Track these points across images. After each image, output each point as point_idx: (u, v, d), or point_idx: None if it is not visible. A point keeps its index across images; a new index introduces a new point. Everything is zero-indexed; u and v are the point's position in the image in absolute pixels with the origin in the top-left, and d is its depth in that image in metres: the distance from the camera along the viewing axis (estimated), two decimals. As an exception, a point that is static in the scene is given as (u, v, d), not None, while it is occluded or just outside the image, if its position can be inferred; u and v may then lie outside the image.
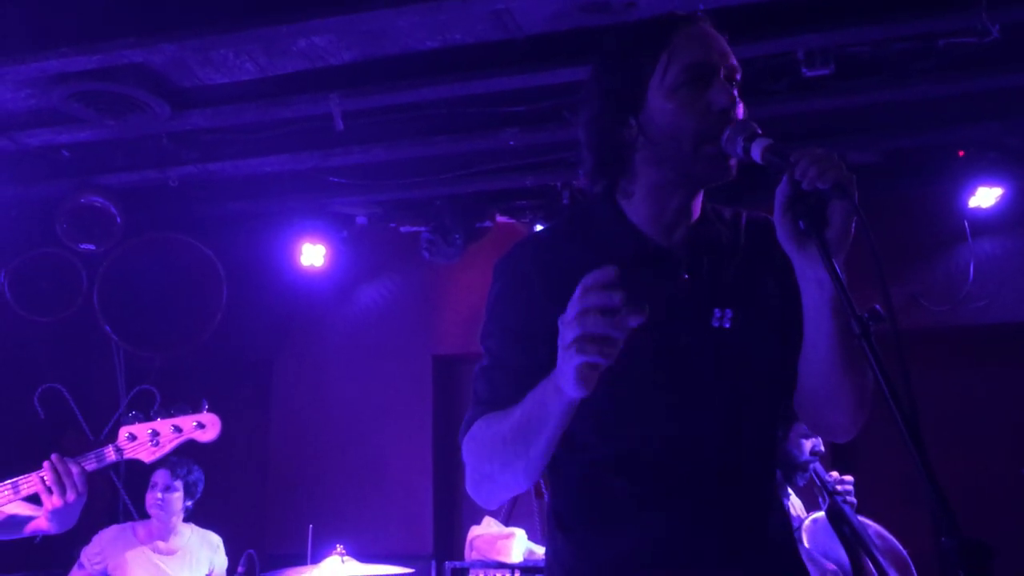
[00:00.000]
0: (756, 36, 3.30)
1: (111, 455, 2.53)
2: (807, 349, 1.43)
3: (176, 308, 5.12)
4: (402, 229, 5.45)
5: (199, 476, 4.15)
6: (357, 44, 3.51)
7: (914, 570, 3.16)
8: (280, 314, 5.70)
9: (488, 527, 4.75)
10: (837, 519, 3.16)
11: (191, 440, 2.65)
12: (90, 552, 4.01)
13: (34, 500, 2.48)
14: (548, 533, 1.53)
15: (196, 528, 4.23)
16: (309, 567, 4.09)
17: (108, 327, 5.03)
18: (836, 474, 3.34)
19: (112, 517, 5.10)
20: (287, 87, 3.75)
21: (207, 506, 4.26)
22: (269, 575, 4.10)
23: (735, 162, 1.42)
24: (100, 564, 3.98)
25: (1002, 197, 4.64)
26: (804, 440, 3.36)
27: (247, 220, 5.34)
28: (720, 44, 1.45)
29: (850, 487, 3.28)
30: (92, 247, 4.76)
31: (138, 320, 5.10)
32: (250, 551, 4.17)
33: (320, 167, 4.61)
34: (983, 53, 3.51)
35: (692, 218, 1.51)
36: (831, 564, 2.97)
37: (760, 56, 3.53)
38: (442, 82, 3.64)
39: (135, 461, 2.61)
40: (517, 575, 4.47)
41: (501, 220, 5.22)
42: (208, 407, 2.68)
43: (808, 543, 3.03)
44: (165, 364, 5.35)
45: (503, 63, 3.54)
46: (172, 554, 4.07)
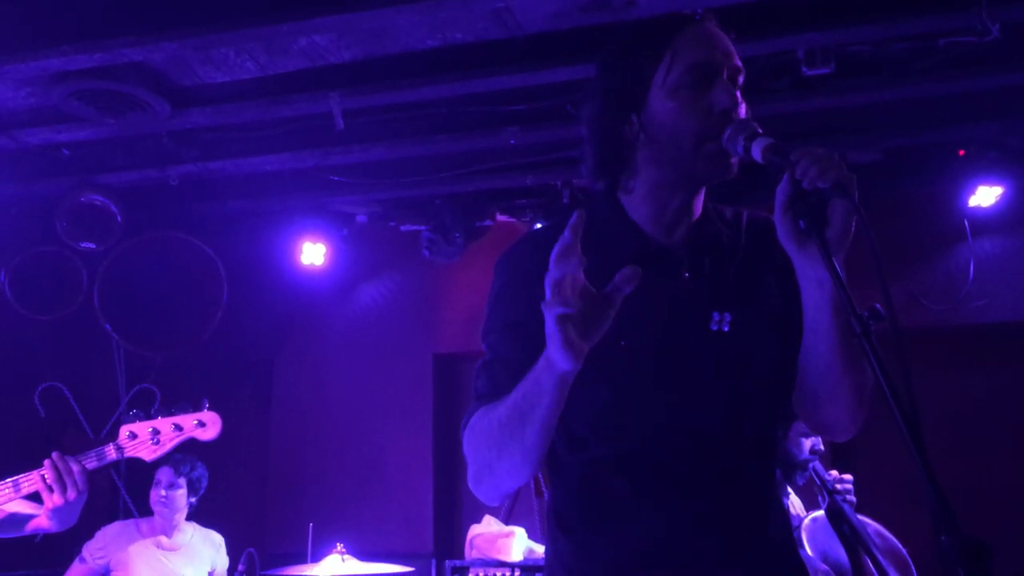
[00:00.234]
0: (757, 35, 3.29)
1: (112, 453, 2.54)
2: (807, 348, 1.43)
3: (176, 307, 5.12)
4: (402, 228, 5.45)
5: (202, 473, 4.15)
6: (357, 43, 3.51)
7: (914, 569, 3.16)
8: (280, 313, 5.70)
9: (488, 526, 4.75)
10: (837, 518, 3.17)
11: (192, 438, 2.66)
12: (93, 547, 4.01)
13: (35, 498, 2.48)
14: (548, 532, 1.53)
15: (198, 527, 4.23)
16: (309, 565, 4.10)
17: (108, 326, 5.03)
18: (835, 473, 3.34)
19: (112, 515, 5.10)
20: (287, 86, 3.75)
21: (208, 504, 4.26)
22: (269, 573, 4.11)
23: (736, 160, 1.42)
24: (103, 559, 3.98)
25: (1002, 196, 4.64)
26: (803, 439, 3.36)
27: (247, 219, 5.34)
28: (724, 44, 1.45)
29: (849, 486, 3.29)
30: (92, 246, 4.76)
31: (138, 319, 5.10)
32: (250, 549, 4.18)
33: (320, 166, 4.61)
34: (983, 52, 3.51)
35: (693, 217, 1.52)
36: (824, 566, 2.97)
37: (761, 55, 3.53)
38: (442, 81, 3.64)
39: (136, 459, 2.62)
40: (517, 574, 4.48)
41: (501, 219, 5.22)
42: (208, 406, 2.68)
43: (807, 542, 3.03)
44: (165, 363, 5.35)
45: (503, 62, 3.54)
46: (176, 550, 4.08)
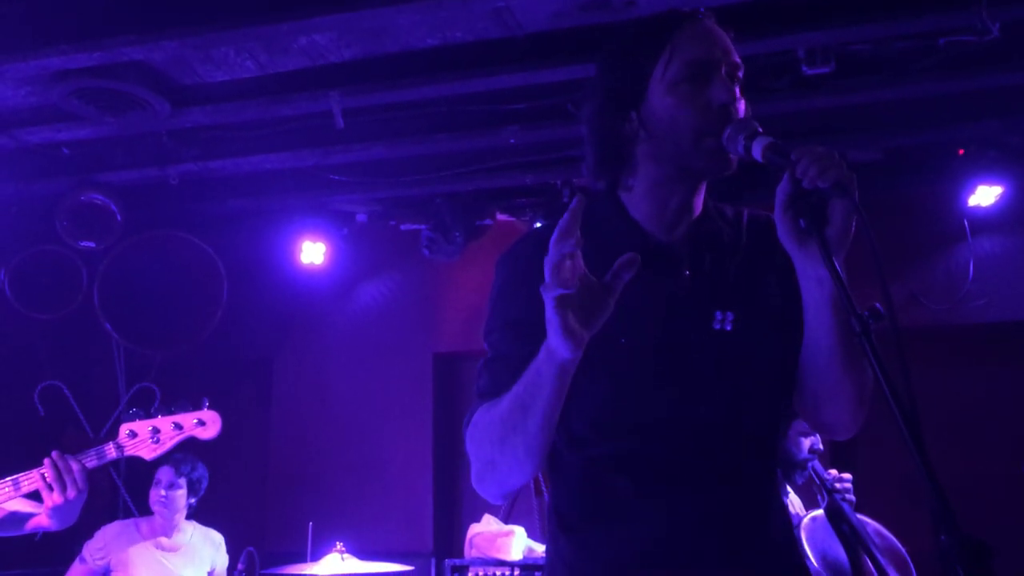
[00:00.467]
0: (757, 34, 3.29)
1: (112, 452, 2.54)
2: (807, 347, 1.43)
3: (176, 306, 5.12)
4: (402, 227, 5.45)
5: (203, 473, 4.15)
6: (358, 42, 3.51)
7: (913, 568, 3.16)
8: (280, 312, 5.70)
9: (488, 525, 4.76)
10: (836, 517, 3.17)
11: (192, 437, 2.66)
12: (93, 547, 4.01)
13: (35, 497, 2.48)
14: (549, 531, 1.53)
15: (198, 526, 4.23)
16: (309, 564, 4.10)
17: (108, 324, 5.03)
18: (835, 472, 3.34)
19: (112, 514, 5.10)
20: (287, 85, 3.75)
21: (207, 503, 4.26)
22: (269, 572, 4.11)
23: (735, 156, 1.43)
24: (103, 560, 3.98)
25: (1002, 196, 4.64)
26: (803, 438, 3.37)
27: (247, 218, 5.34)
28: (723, 41, 1.45)
29: (849, 485, 3.29)
30: (92, 244, 4.76)
31: (138, 318, 5.10)
32: (250, 548, 4.18)
33: (320, 165, 4.61)
34: (983, 51, 3.51)
35: (694, 215, 1.52)
36: (816, 565, 2.97)
37: (761, 54, 3.53)
38: (442, 80, 3.64)
39: (135, 458, 2.62)
40: (517, 573, 4.48)
41: (501, 218, 5.22)
42: (208, 404, 2.68)
43: (807, 542, 3.03)
44: (165, 362, 5.36)
45: (503, 61, 3.54)
46: (175, 551, 4.07)
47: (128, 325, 5.08)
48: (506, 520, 4.91)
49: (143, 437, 2.59)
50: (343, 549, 4.14)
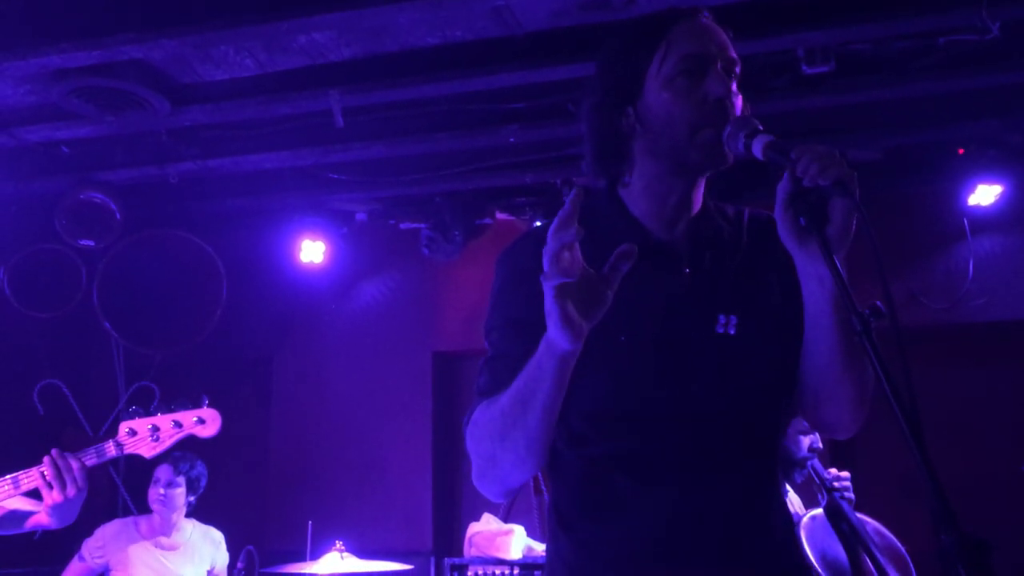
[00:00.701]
0: (756, 33, 3.30)
1: (111, 450, 2.53)
2: (808, 346, 1.43)
3: (176, 305, 5.12)
4: (402, 226, 5.45)
5: (202, 471, 4.14)
6: (357, 40, 3.51)
7: (912, 568, 3.16)
8: (280, 311, 5.70)
9: (487, 524, 4.75)
10: (835, 516, 3.17)
11: (191, 435, 2.66)
12: (92, 545, 4.01)
13: (34, 495, 2.48)
14: (549, 530, 1.53)
15: (198, 524, 4.22)
16: (308, 563, 4.10)
17: (107, 323, 5.03)
18: (834, 471, 3.34)
19: (111, 512, 5.10)
20: (287, 83, 3.75)
21: (207, 502, 4.26)
22: (269, 571, 4.11)
23: (732, 152, 1.42)
24: (102, 558, 3.98)
25: (1002, 195, 4.64)
26: (802, 437, 3.36)
27: (247, 216, 5.34)
28: (719, 37, 1.46)
29: (847, 483, 3.29)
30: (91, 243, 4.76)
31: (137, 317, 5.10)
32: (249, 547, 4.18)
33: (320, 163, 4.61)
34: (983, 51, 3.51)
35: (693, 212, 1.52)
36: (816, 564, 2.97)
37: (760, 53, 3.53)
38: (442, 79, 3.64)
39: (135, 456, 2.62)
40: (516, 572, 4.48)
41: (501, 217, 5.22)
42: (208, 403, 2.68)
43: (806, 540, 3.03)
44: (165, 360, 5.35)
45: (503, 60, 3.54)
46: (174, 549, 4.07)
47: (127, 324, 5.08)
48: (506, 519, 4.91)
49: (142, 435, 2.59)
50: (342, 548, 4.14)
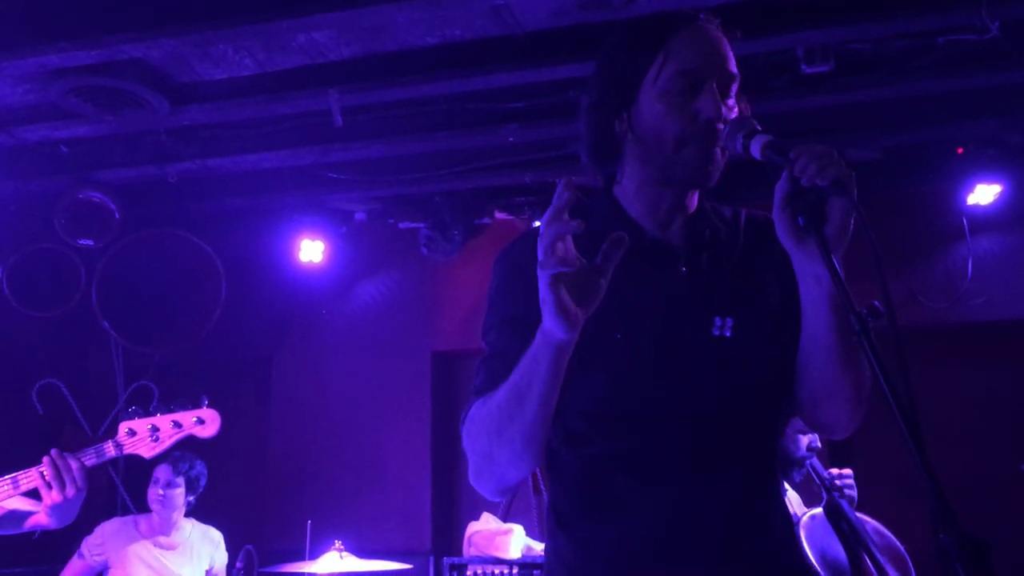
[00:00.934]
0: (756, 33, 3.29)
1: (110, 450, 2.53)
2: (805, 345, 1.43)
3: (175, 304, 5.12)
4: (401, 225, 5.45)
5: (201, 470, 4.14)
6: (357, 40, 3.51)
7: (912, 567, 3.16)
8: (279, 310, 5.69)
9: (486, 523, 4.75)
10: (835, 515, 3.16)
11: (191, 436, 2.66)
12: (91, 543, 4.01)
13: (33, 495, 2.48)
14: (548, 530, 1.53)
15: (197, 523, 4.22)
16: (307, 563, 4.10)
17: (106, 323, 5.03)
18: (836, 470, 3.34)
19: (110, 512, 5.10)
20: (286, 83, 3.75)
21: (206, 501, 4.26)
22: (268, 570, 4.11)
23: (716, 170, 1.43)
24: (101, 556, 3.98)
25: (1001, 194, 4.64)
26: (801, 436, 3.36)
27: (246, 216, 5.34)
28: (719, 50, 1.44)
29: (850, 480, 3.28)
30: (90, 243, 4.76)
31: (137, 316, 5.10)
32: (248, 547, 4.18)
33: (319, 163, 4.61)
34: (982, 50, 3.51)
35: (688, 213, 1.53)
36: (815, 564, 2.96)
37: (760, 53, 3.53)
38: (441, 78, 3.64)
39: (134, 456, 2.61)
40: (515, 571, 4.47)
41: (500, 216, 5.22)
42: (208, 403, 2.68)
43: (806, 540, 3.03)
44: (164, 360, 5.35)
45: (503, 59, 3.54)
46: (173, 549, 4.07)
47: (126, 323, 5.08)
48: (505, 518, 4.91)
49: (142, 435, 2.59)
50: (342, 547, 4.13)
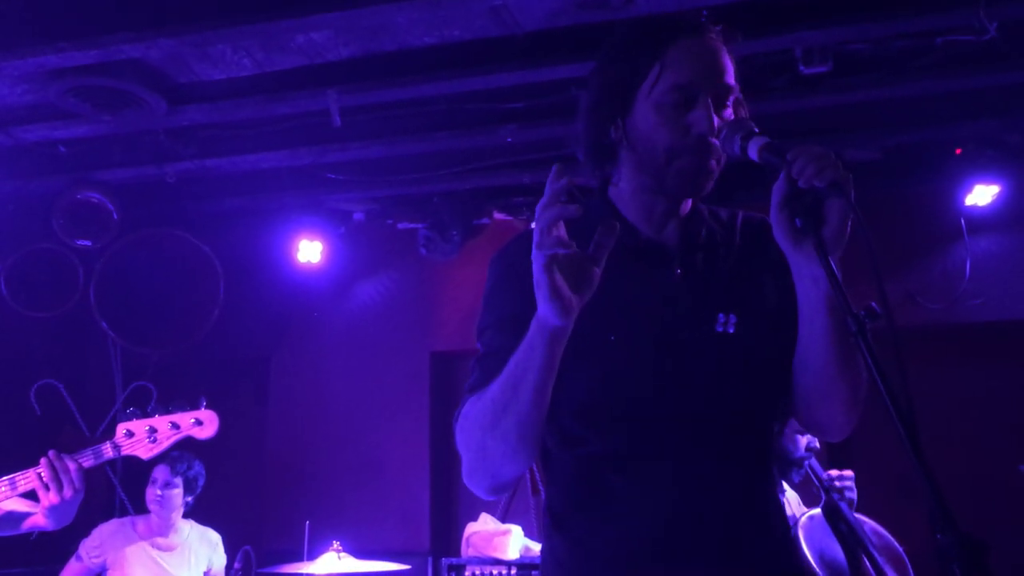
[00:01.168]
0: (755, 33, 3.30)
1: (108, 452, 2.53)
2: (802, 346, 1.43)
3: (173, 304, 5.12)
4: (399, 225, 5.45)
5: (199, 471, 4.13)
6: (355, 40, 3.51)
7: (910, 568, 3.16)
8: (277, 310, 5.69)
9: (485, 524, 4.75)
10: (833, 516, 3.16)
11: (189, 437, 2.65)
12: (89, 545, 4.01)
13: (31, 497, 2.48)
14: (544, 531, 1.53)
15: (195, 525, 4.22)
16: (305, 563, 4.10)
17: (104, 323, 5.02)
18: (835, 471, 3.34)
19: (108, 513, 5.10)
20: (285, 83, 3.75)
21: (204, 502, 4.25)
22: (265, 571, 4.11)
23: (709, 181, 1.44)
24: (99, 558, 3.97)
25: (999, 195, 4.64)
26: (799, 436, 3.36)
27: (244, 216, 5.34)
28: (716, 63, 1.43)
29: (850, 482, 3.28)
30: (89, 243, 4.75)
31: (135, 316, 5.09)
32: (247, 547, 4.18)
33: (317, 163, 4.61)
34: (981, 51, 3.51)
35: (682, 215, 1.53)
36: (814, 564, 2.96)
37: (758, 53, 3.53)
38: (440, 78, 3.64)
39: (132, 458, 2.61)
40: (514, 572, 4.47)
41: (499, 217, 5.22)
42: (206, 404, 2.68)
43: (804, 540, 3.03)
44: (162, 361, 5.34)
45: (501, 59, 3.54)
46: (171, 550, 4.07)
47: (125, 324, 5.08)
48: (503, 519, 4.90)
49: (140, 437, 2.58)
50: (340, 548, 4.13)
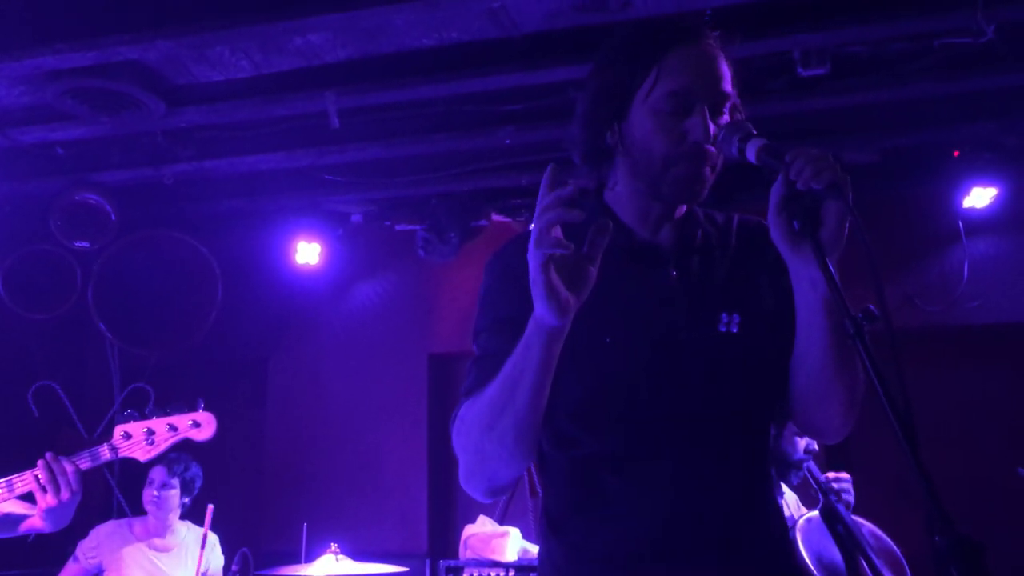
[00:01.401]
0: (753, 35, 3.30)
1: (106, 454, 2.53)
2: (800, 349, 1.43)
3: (171, 306, 5.11)
4: (397, 227, 5.45)
5: (196, 472, 4.13)
6: (353, 42, 3.51)
7: (908, 570, 3.16)
8: (275, 312, 5.69)
9: (483, 526, 4.75)
10: (831, 518, 3.17)
11: (187, 439, 2.65)
12: (86, 546, 4.00)
13: (28, 498, 2.48)
14: (540, 534, 1.53)
15: (192, 526, 4.22)
16: (303, 565, 4.09)
17: (102, 325, 5.02)
18: (833, 473, 3.34)
19: (106, 515, 5.09)
20: (283, 84, 3.75)
21: (202, 504, 4.24)
22: (263, 573, 4.10)
23: (704, 188, 1.44)
24: (95, 559, 3.97)
25: (996, 197, 4.65)
26: (798, 438, 3.36)
27: (242, 218, 5.34)
28: (713, 70, 1.43)
29: (847, 484, 3.29)
30: (87, 244, 4.75)
31: (133, 318, 5.09)
32: (244, 549, 4.17)
33: (315, 165, 4.60)
34: (978, 53, 3.52)
35: (677, 218, 1.54)
36: (812, 567, 2.96)
37: (756, 55, 3.53)
38: (438, 80, 3.64)
39: (130, 460, 2.61)
40: (512, 574, 4.47)
41: (497, 219, 5.22)
42: (204, 406, 2.67)
43: (802, 543, 3.03)
44: (160, 362, 5.34)
45: (499, 61, 3.54)
46: (168, 551, 4.06)
47: (122, 325, 5.07)
48: (501, 521, 4.90)
49: (138, 439, 2.58)
50: (337, 550, 4.13)
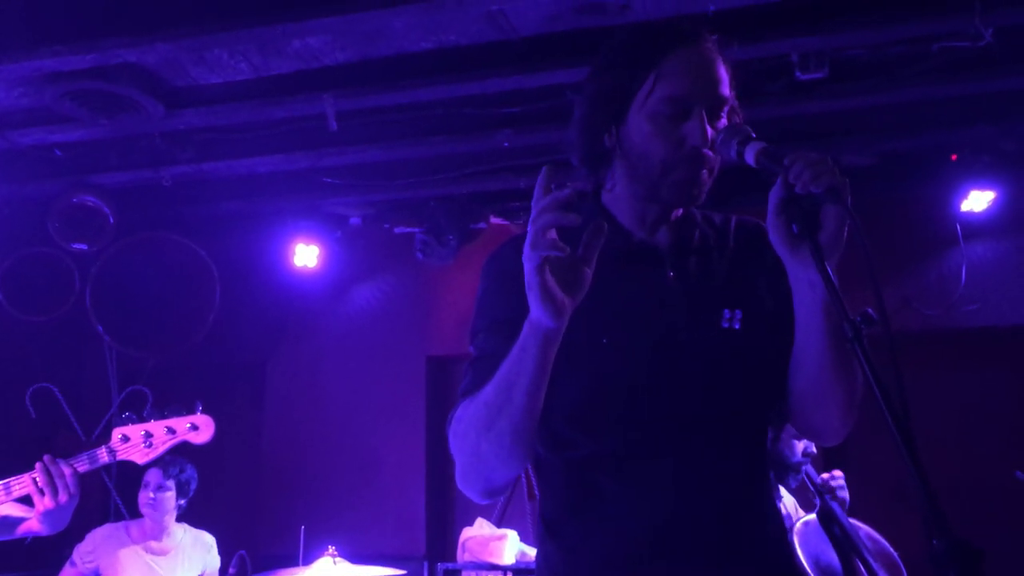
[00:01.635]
0: (751, 38, 3.30)
1: (104, 456, 2.52)
2: (798, 351, 1.43)
3: (169, 308, 5.11)
4: (396, 230, 5.45)
5: (192, 474, 4.13)
6: (352, 45, 3.51)
7: (905, 573, 3.16)
8: (274, 315, 5.69)
9: (480, 528, 4.75)
10: (828, 521, 3.17)
11: (184, 442, 2.65)
12: (83, 550, 3.99)
13: (26, 501, 2.47)
14: (537, 537, 1.53)
15: (189, 528, 4.21)
16: (301, 568, 4.08)
17: (100, 327, 5.01)
18: (827, 474, 3.34)
19: (104, 518, 5.08)
20: (281, 87, 3.75)
21: (200, 506, 4.24)
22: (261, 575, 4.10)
23: (702, 192, 1.44)
24: (92, 563, 3.96)
25: (994, 201, 4.65)
26: (796, 441, 3.37)
27: (241, 220, 5.34)
28: (712, 74, 1.43)
29: (841, 482, 3.29)
30: (85, 247, 4.75)
31: (131, 320, 5.08)
32: (242, 552, 4.17)
33: (314, 167, 4.60)
34: (977, 57, 3.52)
35: (674, 218, 1.54)
36: (809, 570, 2.96)
37: (755, 58, 3.54)
38: (437, 83, 3.64)
39: (127, 462, 2.60)
40: (509, 576, 4.47)
41: (495, 221, 5.22)
42: (202, 408, 2.67)
43: (800, 545, 3.03)
44: (158, 365, 5.34)
45: (498, 64, 3.54)
46: (165, 554, 4.06)
47: (120, 328, 5.07)
48: (499, 524, 4.90)
49: (135, 441, 2.58)
50: (335, 553, 4.12)
